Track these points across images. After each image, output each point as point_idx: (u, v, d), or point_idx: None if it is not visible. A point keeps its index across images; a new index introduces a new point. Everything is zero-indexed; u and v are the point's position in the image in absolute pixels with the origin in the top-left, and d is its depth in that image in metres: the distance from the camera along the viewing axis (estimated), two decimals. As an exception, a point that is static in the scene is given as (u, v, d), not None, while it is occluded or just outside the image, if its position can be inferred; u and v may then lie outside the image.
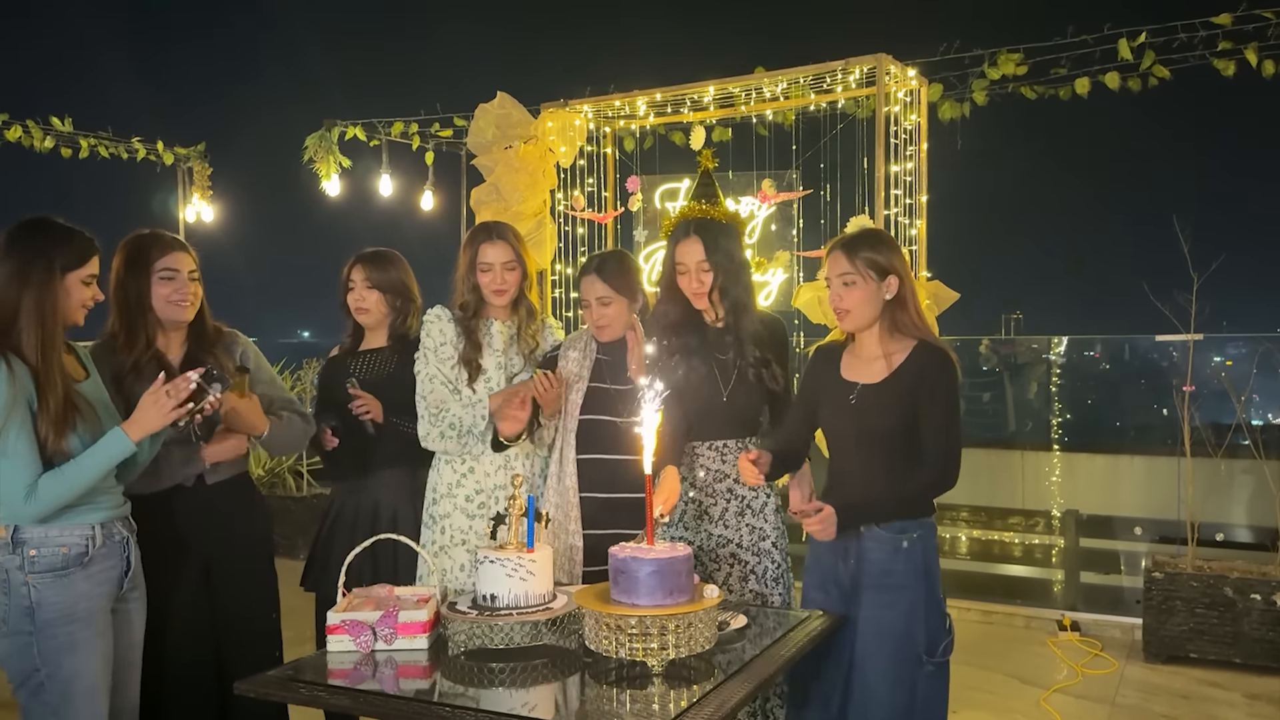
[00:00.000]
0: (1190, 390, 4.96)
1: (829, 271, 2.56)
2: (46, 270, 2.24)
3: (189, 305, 2.66)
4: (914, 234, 3.61)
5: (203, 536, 2.68)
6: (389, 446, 3.02)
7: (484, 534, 2.92)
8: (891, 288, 2.51)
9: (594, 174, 4.39)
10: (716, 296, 2.80)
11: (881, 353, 2.55)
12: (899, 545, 2.48)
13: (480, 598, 2.29)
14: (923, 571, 2.49)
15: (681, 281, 2.82)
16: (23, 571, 2.24)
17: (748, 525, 2.85)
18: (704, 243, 2.77)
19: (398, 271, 3.10)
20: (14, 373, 2.19)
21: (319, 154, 6.44)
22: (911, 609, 2.47)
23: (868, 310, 2.51)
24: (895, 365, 2.51)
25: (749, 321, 2.82)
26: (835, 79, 3.70)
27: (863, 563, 2.51)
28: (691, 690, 2.00)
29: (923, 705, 2.48)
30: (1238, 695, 4.24)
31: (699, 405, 2.81)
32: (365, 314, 3.07)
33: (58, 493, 2.21)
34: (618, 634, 2.05)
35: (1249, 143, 32.47)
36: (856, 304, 2.51)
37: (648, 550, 2.08)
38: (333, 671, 2.18)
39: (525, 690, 2.09)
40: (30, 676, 2.24)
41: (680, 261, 2.80)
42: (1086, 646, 4.87)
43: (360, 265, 3.07)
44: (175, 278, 2.63)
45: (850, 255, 2.51)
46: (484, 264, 2.93)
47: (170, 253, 2.64)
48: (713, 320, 2.87)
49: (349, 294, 3.09)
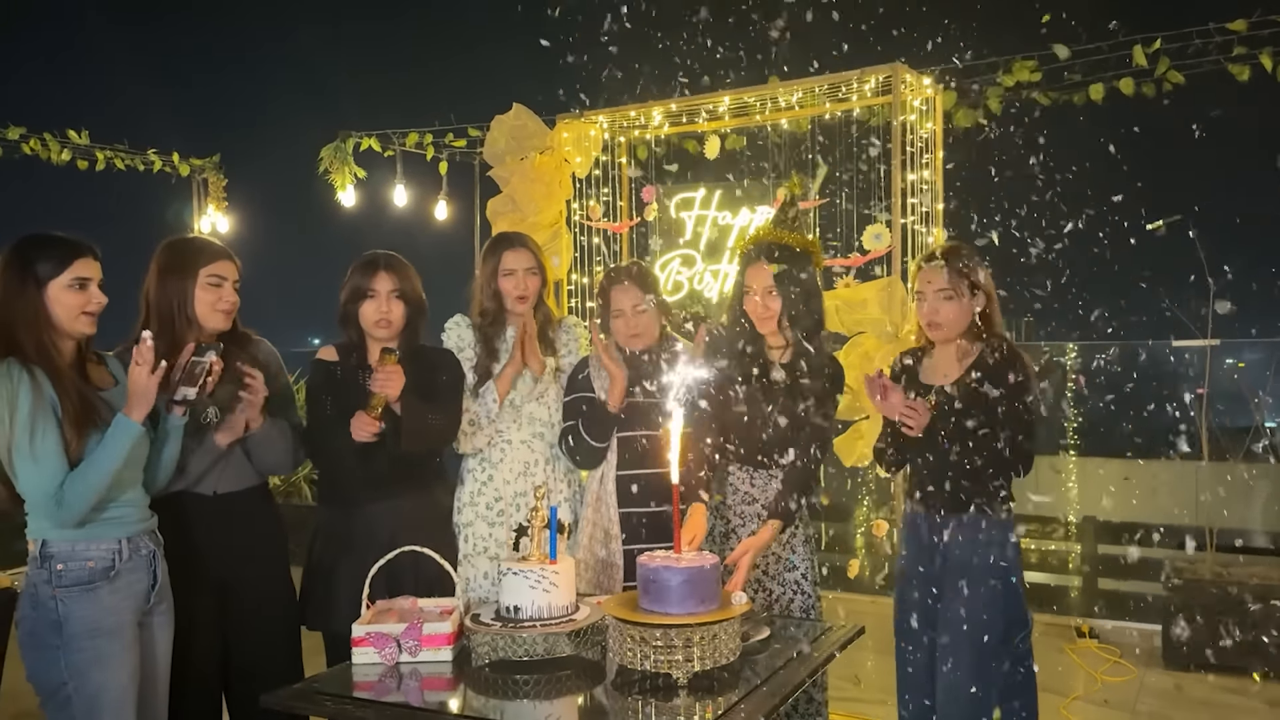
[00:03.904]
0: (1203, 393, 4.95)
1: (922, 286, 2.69)
2: (24, 281, 2.27)
3: (230, 313, 2.67)
4: (930, 241, 3.61)
5: (219, 548, 2.66)
6: (404, 470, 2.84)
7: (504, 542, 2.93)
8: (980, 301, 2.66)
9: (608, 184, 4.40)
10: (785, 323, 2.77)
11: (958, 356, 2.69)
12: (981, 537, 2.62)
13: (504, 609, 2.29)
14: (1004, 562, 2.62)
15: (747, 304, 2.80)
16: (50, 585, 2.25)
17: (774, 554, 2.84)
18: (774, 269, 2.75)
19: (416, 280, 2.97)
20: (35, 379, 2.22)
21: (334, 165, 6.48)
22: (993, 598, 2.59)
23: (961, 323, 2.66)
24: (968, 367, 2.65)
25: (812, 353, 2.79)
26: (850, 88, 3.70)
27: (947, 554, 2.66)
28: (717, 702, 2.00)
29: (1008, 691, 2.61)
30: (1259, 703, 4.22)
31: (741, 431, 2.82)
32: (388, 326, 2.82)
33: (82, 492, 2.23)
34: (643, 646, 2.05)
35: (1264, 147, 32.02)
36: (951, 317, 2.65)
37: (678, 559, 2.08)
38: (358, 684, 2.19)
39: (550, 702, 2.10)
40: (58, 690, 2.25)
41: (748, 284, 2.79)
42: (1105, 654, 4.85)
43: (386, 273, 2.82)
44: (222, 285, 2.63)
45: (947, 270, 2.64)
46: (506, 269, 2.96)
47: (219, 260, 2.64)
48: (779, 346, 2.84)
49: (365, 303, 2.82)
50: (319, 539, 2.89)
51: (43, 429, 2.20)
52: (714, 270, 4.18)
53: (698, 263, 4.20)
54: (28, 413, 2.19)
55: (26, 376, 2.21)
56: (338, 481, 2.89)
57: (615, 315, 2.92)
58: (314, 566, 2.87)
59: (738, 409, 2.79)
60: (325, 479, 3.04)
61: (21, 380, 2.21)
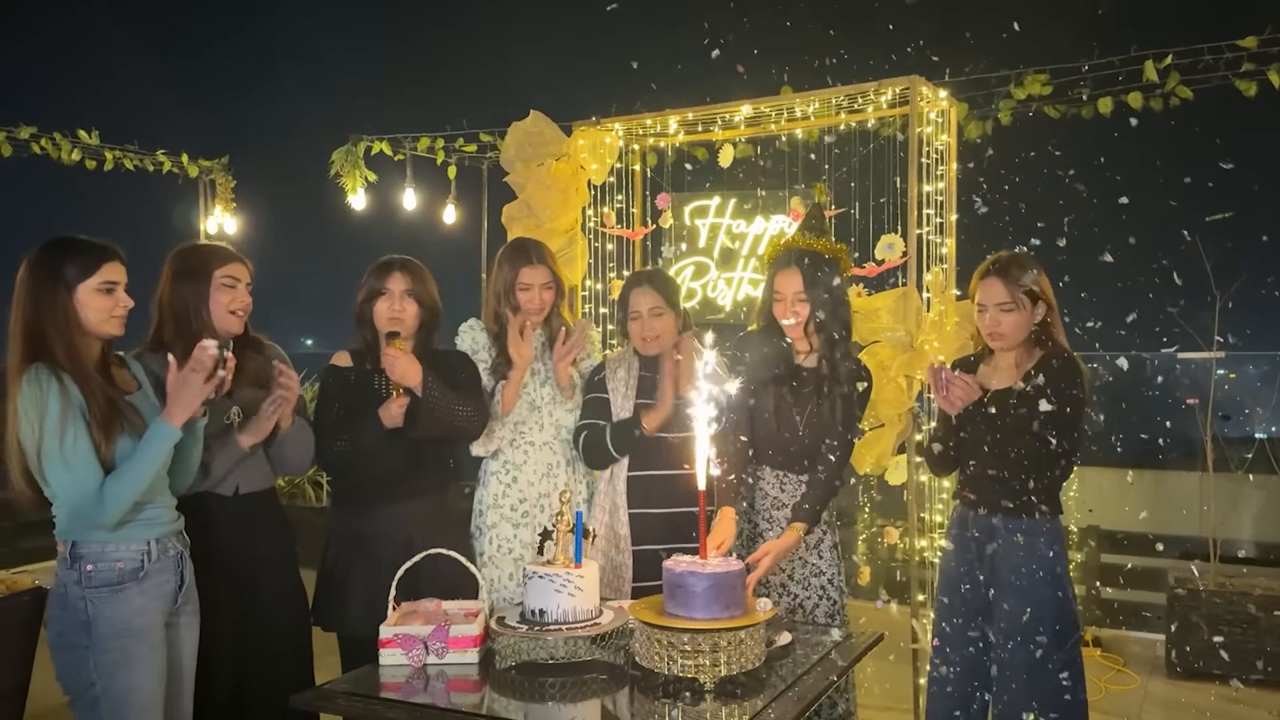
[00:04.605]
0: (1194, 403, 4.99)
1: (983, 298, 2.70)
2: (55, 284, 2.29)
3: (243, 315, 2.70)
4: (944, 252, 3.65)
5: (238, 549, 2.69)
6: (419, 472, 2.88)
7: (529, 543, 2.96)
8: (1040, 311, 2.67)
9: (622, 190, 4.43)
10: (812, 329, 2.79)
11: (1015, 362, 2.71)
12: (1030, 541, 2.63)
13: (529, 612, 2.32)
14: (1052, 566, 2.64)
15: (776, 310, 2.82)
16: (80, 586, 2.27)
17: (800, 559, 2.86)
18: (803, 275, 2.76)
19: (432, 285, 3.01)
20: (63, 385, 2.24)
21: (345, 168, 6.50)
22: (1042, 602, 2.61)
23: (1021, 334, 2.68)
24: (1028, 371, 2.66)
25: (841, 359, 2.81)
26: (867, 99, 3.74)
27: (996, 558, 2.67)
28: (743, 706, 2.03)
29: (1057, 693, 2.60)
30: (1263, 713, 4.25)
31: (770, 435, 2.84)
32: (400, 325, 2.86)
33: (121, 495, 2.25)
34: (670, 650, 2.08)
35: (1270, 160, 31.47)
36: (1013, 329, 2.66)
37: (704, 565, 2.11)
38: (385, 685, 2.22)
39: (575, 705, 2.13)
40: (86, 690, 2.27)
41: (778, 290, 2.81)
42: (1108, 662, 4.88)
43: (401, 274, 2.87)
44: (236, 286, 2.67)
45: (1008, 283, 2.64)
46: (524, 284, 2.99)
47: (233, 262, 2.68)
48: (806, 351, 2.86)
49: (379, 302, 2.87)
50: (333, 541, 2.91)
51: (74, 433, 2.22)
52: (727, 278, 4.21)
53: (711, 270, 4.23)
54: (57, 418, 2.21)
55: (55, 382, 2.23)
56: (352, 484, 2.91)
57: (632, 318, 2.95)
58: (329, 568, 2.89)
59: (766, 414, 2.82)
60: (339, 482, 3.06)
61: (51, 385, 2.23)
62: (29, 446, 2.23)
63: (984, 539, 2.71)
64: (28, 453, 2.24)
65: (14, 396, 2.24)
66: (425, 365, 2.78)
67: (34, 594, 3.32)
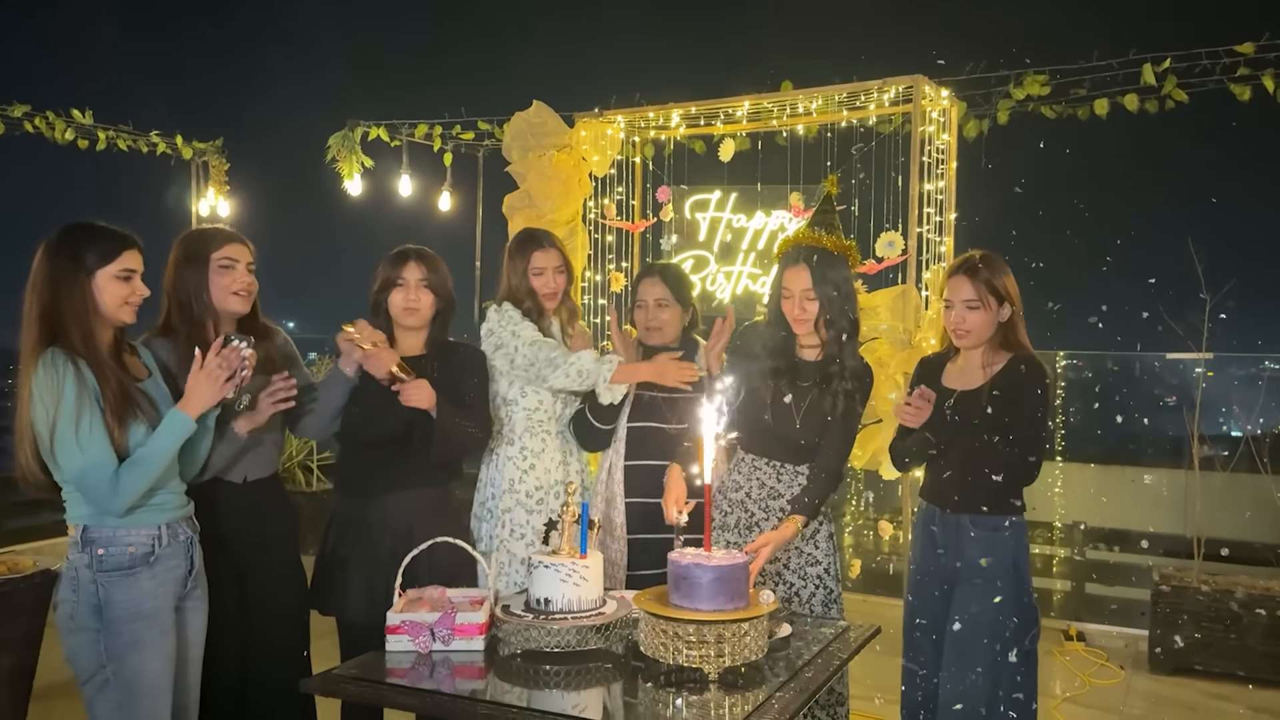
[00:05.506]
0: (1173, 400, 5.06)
1: (950, 295, 2.78)
2: (75, 269, 2.29)
3: (246, 296, 2.70)
4: (943, 250, 3.69)
5: (241, 534, 2.72)
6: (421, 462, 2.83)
7: (540, 531, 2.99)
8: (1006, 312, 2.73)
9: (623, 182, 4.45)
10: (820, 325, 2.82)
11: (981, 364, 2.78)
12: (992, 539, 2.71)
13: (534, 601, 2.35)
14: (1013, 564, 2.71)
15: (785, 306, 2.85)
16: (91, 570, 2.29)
17: (796, 548, 2.90)
18: (812, 272, 2.78)
19: (447, 275, 2.99)
20: (79, 370, 2.25)
21: (342, 154, 6.49)
22: (1003, 598, 2.68)
23: (986, 332, 2.75)
24: (991, 375, 2.74)
25: (846, 356, 2.84)
26: (869, 96, 3.77)
27: (959, 555, 2.74)
28: (746, 697, 2.07)
29: (1011, 689, 2.68)
30: (1242, 708, 4.33)
31: (767, 426, 2.88)
32: (414, 314, 2.86)
33: (135, 483, 2.27)
34: (674, 640, 2.11)
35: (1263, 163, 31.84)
36: (978, 326, 2.73)
37: (709, 558, 2.14)
38: (392, 670, 2.24)
39: (578, 693, 2.16)
40: (97, 673, 2.29)
41: (786, 286, 2.83)
42: (1092, 657, 4.96)
43: (416, 263, 2.86)
44: (234, 267, 2.67)
45: (975, 281, 2.71)
46: (536, 269, 3.03)
47: (230, 243, 2.68)
48: (811, 346, 2.89)
49: (394, 292, 2.86)
50: (334, 527, 2.93)
51: (89, 419, 2.24)
52: (726, 272, 4.24)
53: (710, 264, 4.27)
54: (73, 402, 2.22)
55: (71, 366, 2.24)
56: (354, 471, 2.93)
57: (638, 306, 3.04)
58: (329, 554, 2.91)
59: (766, 406, 2.85)
60: (341, 469, 3.09)
61: (67, 370, 2.24)
62: (42, 429, 2.24)
63: (948, 537, 2.78)
64: (40, 436, 2.25)
65: (28, 379, 2.25)
66: (440, 360, 2.85)
67: (43, 575, 3.34)
